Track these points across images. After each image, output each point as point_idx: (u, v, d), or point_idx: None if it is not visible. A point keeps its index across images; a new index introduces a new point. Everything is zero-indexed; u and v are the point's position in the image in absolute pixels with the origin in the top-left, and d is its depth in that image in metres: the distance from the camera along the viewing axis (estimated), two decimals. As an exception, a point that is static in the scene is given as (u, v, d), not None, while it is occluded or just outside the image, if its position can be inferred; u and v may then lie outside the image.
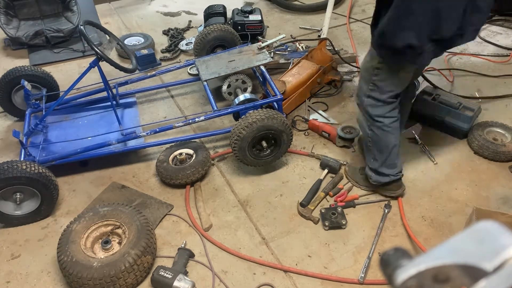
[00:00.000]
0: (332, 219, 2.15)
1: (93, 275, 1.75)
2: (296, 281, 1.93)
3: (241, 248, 2.08)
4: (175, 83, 3.12)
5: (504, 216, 1.95)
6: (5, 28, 3.64)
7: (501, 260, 0.47)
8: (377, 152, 2.17)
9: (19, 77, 2.67)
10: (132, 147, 2.50)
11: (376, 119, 2.09)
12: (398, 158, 2.20)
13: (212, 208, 2.28)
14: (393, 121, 2.10)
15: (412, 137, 2.68)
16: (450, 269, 0.48)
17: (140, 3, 4.56)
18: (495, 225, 0.51)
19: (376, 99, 2.04)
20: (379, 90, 2.02)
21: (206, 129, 2.81)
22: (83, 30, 2.28)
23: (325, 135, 2.70)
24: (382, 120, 2.08)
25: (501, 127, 2.66)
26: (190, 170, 2.34)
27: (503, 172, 2.46)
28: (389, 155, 2.16)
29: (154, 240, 1.97)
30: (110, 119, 2.71)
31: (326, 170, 2.46)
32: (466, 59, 3.53)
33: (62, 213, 2.29)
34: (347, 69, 3.37)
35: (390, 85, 2.00)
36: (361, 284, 1.90)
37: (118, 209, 2.00)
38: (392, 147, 2.14)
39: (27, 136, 2.50)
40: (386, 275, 0.54)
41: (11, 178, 2.04)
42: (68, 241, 1.87)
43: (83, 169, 2.52)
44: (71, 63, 3.59)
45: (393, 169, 2.20)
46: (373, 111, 2.08)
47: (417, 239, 2.05)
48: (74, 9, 3.88)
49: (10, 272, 2.00)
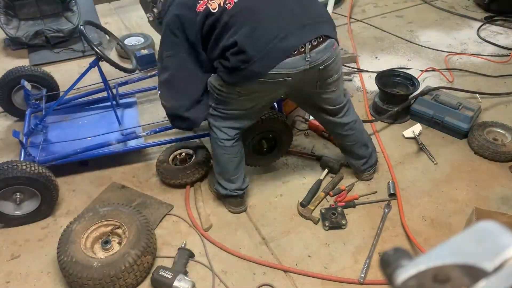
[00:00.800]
0: (332, 219, 2.15)
1: (93, 275, 1.75)
2: (296, 281, 1.93)
3: (241, 248, 2.08)
4: (175, 83, 3.12)
5: (504, 216, 1.95)
6: (5, 28, 3.64)
7: (501, 260, 0.47)
8: (215, 163, 2.16)
9: (19, 77, 2.67)
10: (132, 147, 2.50)
11: (212, 129, 2.05)
12: (237, 176, 2.15)
13: (212, 208, 2.28)
14: (228, 139, 2.04)
15: (412, 137, 2.69)
16: (450, 269, 0.48)
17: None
18: (495, 225, 0.51)
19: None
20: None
21: (206, 129, 2.80)
22: (83, 30, 2.28)
23: (325, 135, 2.70)
24: (217, 132, 2.04)
25: (501, 127, 2.66)
26: (190, 170, 2.34)
27: (503, 172, 2.46)
28: (224, 170, 2.13)
29: (154, 240, 1.97)
30: (110, 119, 2.71)
31: (326, 170, 2.46)
32: (466, 59, 3.53)
33: (62, 213, 2.29)
34: (347, 69, 3.37)
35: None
36: (361, 284, 1.90)
37: (118, 209, 2.00)
38: (224, 164, 2.10)
39: (27, 136, 2.50)
40: (386, 275, 0.54)
41: (11, 178, 2.04)
42: (68, 241, 1.86)
43: (83, 169, 2.52)
44: (71, 63, 3.59)
45: (230, 184, 2.15)
46: (213, 120, 2.04)
47: (417, 239, 2.05)
48: (74, 9, 3.88)
49: (10, 272, 2.00)
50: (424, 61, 3.51)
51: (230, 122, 2.01)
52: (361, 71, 3.36)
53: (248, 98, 1.91)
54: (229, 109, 1.97)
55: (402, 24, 4.11)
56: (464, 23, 4.08)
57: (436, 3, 4.47)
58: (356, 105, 3.02)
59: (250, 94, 1.89)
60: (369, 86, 3.20)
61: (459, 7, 4.37)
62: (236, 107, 1.96)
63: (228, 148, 2.06)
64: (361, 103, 3.04)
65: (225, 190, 2.18)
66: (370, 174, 2.42)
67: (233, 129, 2.04)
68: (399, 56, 3.60)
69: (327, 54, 1.83)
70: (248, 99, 1.92)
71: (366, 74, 3.35)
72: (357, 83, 3.26)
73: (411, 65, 3.44)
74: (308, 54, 1.76)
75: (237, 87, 1.86)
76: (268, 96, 1.96)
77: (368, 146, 2.33)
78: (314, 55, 1.78)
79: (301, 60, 1.76)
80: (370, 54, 3.62)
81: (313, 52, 1.77)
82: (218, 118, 2.01)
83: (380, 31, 3.96)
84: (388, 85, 2.91)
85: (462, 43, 3.76)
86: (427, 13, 4.30)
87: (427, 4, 4.46)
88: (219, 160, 2.12)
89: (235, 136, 2.06)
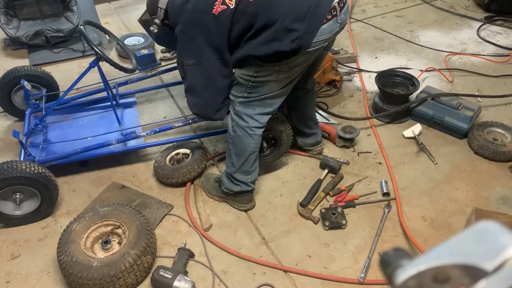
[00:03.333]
0: (332, 219, 2.15)
1: (93, 275, 1.75)
2: (296, 281, 1.93)
3: (241, 248, 2.08)
4: (175, 83, 3.12)
5: (504, 216, 1.95)
6: (5, 28, 3.64)
7: (501, 260, 0.47)
8: (235, 156, 2.13)
9: (19, 77, 2.67)
10: (132, 147, 2.50)
11: (243, 117, 2.02)
12: (255, 167, 2.17)
13: (212, 208, 2.28)
14: (259, 127, 2.05)
15: (412, 137, 2.69)
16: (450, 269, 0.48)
17: (140, 3, 4.56)
18: (495, 225, 0.51)
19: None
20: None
21: (206, 129, 2.81)
22: (83, 30, 2.28)
23: (325, 135, 2.70)
24: (248, 120, 2.02)
25: (501, 127, 2.66)
26: (186, 168, 2.34)
27: (503, 172, 2.46)
28: (246, 161, 2.11)
29: (154, 240, 1.97)
30: (110, 119, 2.71)
31: (326, 170, 2.46)
32: (466, 59, 3.53)
33: (62, 213, 2.29)
34: (347, 69, 3.37)
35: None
36: (361, 284, 1.90)
37: (118, 209, 2.00)
38: (249, 154, 2.09)
39: (27, 136, 2.50)
40: (386, 275, 0.54)
41: (11, 178, 2.04)
42: (68, 241, 1.86)
43: (83, 169, 2.52)
44: (71, 63, 3.59)
45: (247, 176, 2.16)
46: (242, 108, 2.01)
47: (417, 239, 2.05)
48: (74, 9, 3.88)
49: (10, 272, 2.00)
50: (424, 61, 3.51)
51: (262, 108, 2.00)
52: (361, 71, 3.36)
53: (287, 75, 1.91)
54: (263, 93, 1.94)
55: (402, 24, 4.11)
56: (464, 23, 4.08)
57: (436, 3, 4.47)
58: (356, 105, 3.03)
59: (290, 70, 1.89)
60: (369, 86, 3.20)
61: (459, 7, 4.37)
62: (270, 89, 1.94)
63: (257, 137, 2.06)
64: (361, 103, 3.04)
65: (239, 186, 2.17)
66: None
67: (264, 115, 2.03)
68: (399, 56, 3.60)
69: (348, 14, 1.91)
70: (286, 76, 1.91)
71: (366, 74, 3.35)
72: (357, 83, 3.26)
73: (411, 65, 3.44)
74: (339, 17, 1.83)
75: (277, 66, 1.84)
76: (304, 67, 1.96)
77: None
78: (342, 15, 1.85)
79: (335, 23, 1.82)
80: (370, 54, 3.62)
81: (341, 13, 1.84)
82: (250, 106, 1.98)
83: (380, 31, 3.96)
84: (388, 85, 2.91)
85: (462, 43, 3.76)
86: (427, 13, 4.30)
87: (427, 4, 4.46)
88: (243, 151, 2.08)
89: (265, 124, 2.06)
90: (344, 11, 1.86)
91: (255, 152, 2.11)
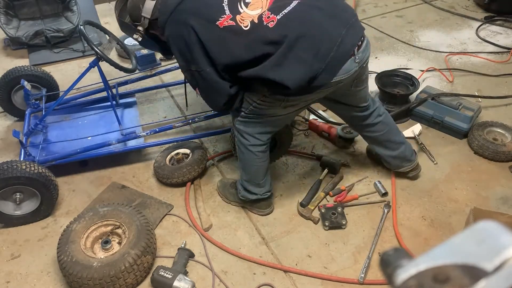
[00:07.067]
0: (332, 219, 2.15)
1: (93, 275, 1.75)
2: (296, 281, 1.93)
3: (241, 248, 2.08)
4: (175, 83, 3.12)
5: (504, 216, 1.95)
6: (5, 28, 3.64)
7: (501, 260, 0.47)
8: (243, 170, 2.09)
9: (19, 77, 2.67)
10: (132, 147, 2.50)
11: (243, 135, 1.95)
12: (266, 180, 2.10)
13: (212, 208, 2.28)
14: (261, 145, 1.97)
15: (412, 137, 2.69)
16: (450, 269, 0.48)
17: (140, 3, 4.56)
18: (495, 225, 0.51)
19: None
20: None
21: (206, 129, 2.81)
22: (83, 30, 2.28)
23: (325, 135, 2.70)
24: (249, 138, 1.95)
25: (501, 127, 2.66)
26: (186, 168, 2.34)
27: (503, 172, 2.46)
28: (254, 176, 2.07)
29: (154, 240, 1.97)
30: (110, 119, 2.71)
31: (326, 170, 2.46)
32: (466, 59, 3.53)
33: (62, 213, 2.29)
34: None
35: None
36: (361, 284, 1.90)
37: (118, 209, 2.00)
38: (255, 170, 2.04)
39: (27, 136, 2.50)
40: (386, 275, 0.54)
41: (10, 178, 2.04)
42: (68, 241, 1.86)
43: (83, 169, 2.52)
44: (71, 63, 3.59)
45: (260, 188, 2.11)
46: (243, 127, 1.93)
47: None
48: (74, 9, 3.88)
49: (10, 272, 2.00)
50: (424, 61, 3.51)
51: (263, 127, 1.93)
52: (361, 71, 3.36)
53: (293, 106, 1.84)
54: (266, 115, 1.87)
55: (402, 24, 4.11)
56: (464, 23, 4.08)
57: (436, 3, 4.47)
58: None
59: (298, 104, 1.83)
60: (369, 86, 3.19)
61: (459, 7, 4.37)
62: (274, 113, 1.87)
63: (260, 154, 1.99)
64: (361, 103, 3.04)
65: (255, 195, 2.13)
66: (416, 166, 2.29)
67: (266, 134, 1.96)
68: (399, 56, 3.60)
69: (368, 52, 1.80)
70: (291, 106, 1.83)
71: (366, 74, 3.34)
72: (357, 83, 3.25)
73: (411, 65, 3.44)
74: (356, 56, 1.72)
75: (284, 102, 1.77)
76: (312, 101, 1.90)
77: (399, 130, 2.26)
78: (360, 55, 1.74)
79: (352, 63, 1.72)
80: (370, 54, 3.62)
81: (359, 53, 1.73)
82: (251, 124, 1.91)
83: (380, 31, 3.96)
84: (388, 85, 2.91)
85: (462, 43, 3.76)
86: (427, 13, 4.30)
87: (427, 4, 4.46)
88: (249, 166, 2.04)
89: (267, 141, 1.99)
90: (362, 49, 1.74)
91: (262, 167, 2.05)
